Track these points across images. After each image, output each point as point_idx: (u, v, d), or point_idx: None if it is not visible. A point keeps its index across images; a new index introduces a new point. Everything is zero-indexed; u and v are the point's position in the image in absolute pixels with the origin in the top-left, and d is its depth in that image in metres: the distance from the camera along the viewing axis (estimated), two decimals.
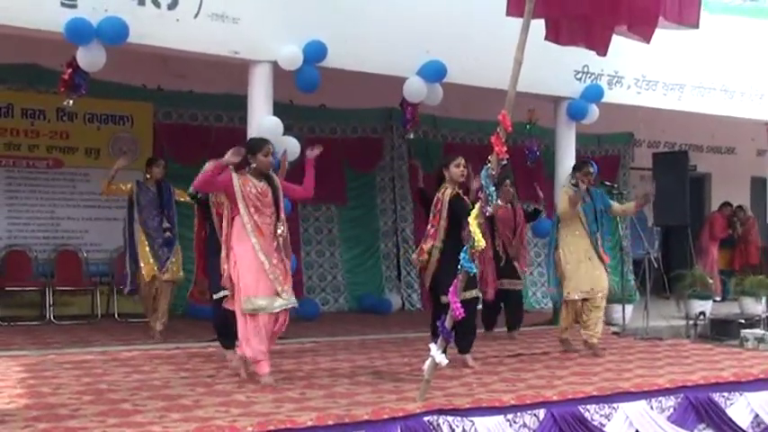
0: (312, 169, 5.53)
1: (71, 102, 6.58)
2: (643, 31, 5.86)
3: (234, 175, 5.17)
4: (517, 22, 5.04)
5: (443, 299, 5.68)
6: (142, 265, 7.06)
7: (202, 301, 6.42)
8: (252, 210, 5.09)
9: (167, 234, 7.09)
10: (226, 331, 5.84)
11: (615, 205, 7.04)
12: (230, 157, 4.98)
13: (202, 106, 9.45)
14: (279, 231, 5.15)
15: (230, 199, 5.18)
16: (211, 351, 6.39)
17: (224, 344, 5.97)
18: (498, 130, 4.34)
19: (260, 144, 5.34)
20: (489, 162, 4.40)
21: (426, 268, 6.00)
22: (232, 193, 5.12)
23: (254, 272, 5.04)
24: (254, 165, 5.22)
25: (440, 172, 6.02)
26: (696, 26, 5.81)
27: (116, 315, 8.46)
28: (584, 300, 6.62)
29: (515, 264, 7.65)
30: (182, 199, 7.14)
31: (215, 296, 5.83)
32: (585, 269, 6.60)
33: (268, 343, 5.14)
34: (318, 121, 10.06)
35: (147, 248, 7.06)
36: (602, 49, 6.03)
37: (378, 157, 10.57)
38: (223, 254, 5.28)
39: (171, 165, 7.73)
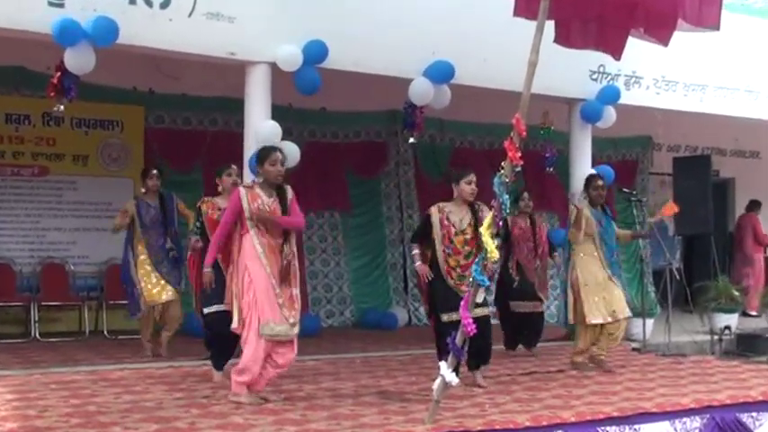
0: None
1: (62, 107, 6.58)
2: (660, 33, 5.85)
3: (242, 192, 5.14)
4: (528, 22, 5.04)
5: (444, 317, 5.66)
6: (143, 285, 7.05)
7: None
8: (263, 229, 5.06)
9: (172, 254, 7.10)
10: (219, 350, 5.86)
11: (618, 231, 7.01)
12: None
13: (196, 110, 9.45)
14: (285, 252, 5.10)
15: (244, 218, 5.12)
16: (206, 370, 6.36)
17: (216, 363, 5.98)
18: (512, 134, 4.33)
19: (265, 152, 5.26)
20: (502, 169, 4.38)
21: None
22: (241, 213, 5.08)
23: (269, 296, 5.01)
24: (260, 178, 5.19)
25: (451, 180, 6.00)
26: (717, 28, 5.81)
27: (105, 332, 8.44)
28: (604, 324, 6.60)
29: (532, 285, 7.50)
30: (182, 210, 7.15)
31: (205, 310, 5.84)
32: (605, 292, 6.58)
33: (264, 367, 5.10)
34: (319, 125, 10.07)
35: (152, 272, 7.05)
36: (616, 53, 6.02)
37: (382, 162, 10.58)
38: (230, 270, 5.23)
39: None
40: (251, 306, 5.02)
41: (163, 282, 7.06)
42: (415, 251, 5.97)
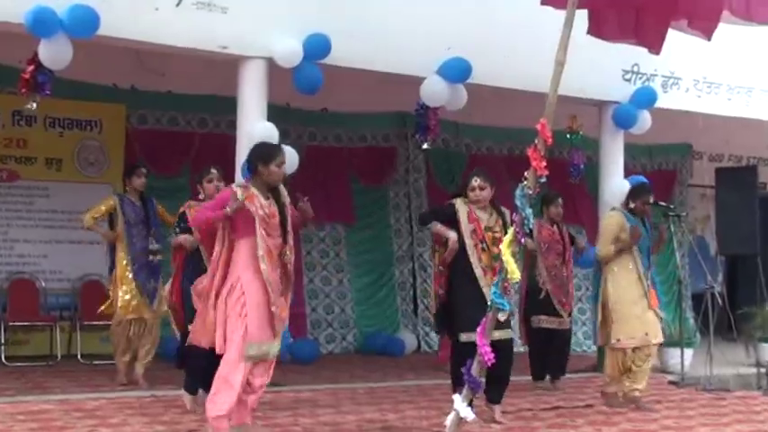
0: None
1: (35, 104, 6.60)
2: (704, 26, 5.88)
3: (239, 192, 4.97)
4: (554, 14, 5.04)
5: (462, 336, 5.65)
6: (120, 295, 7.05)
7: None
8: (263, 232, 4.96)
9: (153, 258, 7.08)
10: (202, 375, 5.85)
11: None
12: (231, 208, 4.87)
13: (184, 109, 9.49)
14: (285, 258, 5.03)
15: (240, 220, 4.95)
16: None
17: (191, 388, 5.96)
18: (536, 141, 4.33)
19: (274, 151, 5.17)
20: (525, 179, 4.38)
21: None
22: (246, 214, 4.93)
23: (262, 311, 4.89)
24: (257, 179, 5.09)
25: (463, 189, 6.05)
26: (767, 23, 5.83)
27: (79, 356, 8.44)
28: (636, 348, 6.57)
29: (561, 298, 7.54)
30: (162, 215, 7.17)
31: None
32: (639, 311, 6.56)
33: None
34: (320, 128, 10.11)
35: (131, 277, 7.05)
36: (656, 47, 6.05)
37: (390, 169, 10.60)
38: (208, 280, 5.06)
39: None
40: (237, 323, 4.85)
41: (143, 295, 7.06)
42: (434, 223, 5.93)
